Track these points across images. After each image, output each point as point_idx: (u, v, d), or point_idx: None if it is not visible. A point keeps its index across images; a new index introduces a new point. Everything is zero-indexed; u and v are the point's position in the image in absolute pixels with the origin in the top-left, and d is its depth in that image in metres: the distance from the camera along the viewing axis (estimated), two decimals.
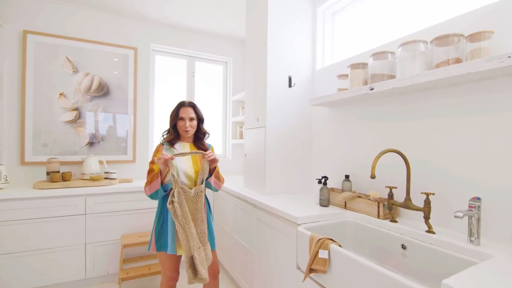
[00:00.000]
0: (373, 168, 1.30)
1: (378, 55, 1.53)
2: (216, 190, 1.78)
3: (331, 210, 1.68)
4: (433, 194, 1.28)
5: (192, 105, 1.76)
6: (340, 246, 1.21)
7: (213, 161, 1.65)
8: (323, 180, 1.79)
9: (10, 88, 2.48)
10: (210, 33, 3.36)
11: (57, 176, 2.36)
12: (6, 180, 2.26)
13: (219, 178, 1.75)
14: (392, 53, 1.52)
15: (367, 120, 1.79)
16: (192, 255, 1.50)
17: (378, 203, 1.49)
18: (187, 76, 3.37)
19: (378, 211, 1.49)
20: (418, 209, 1.32)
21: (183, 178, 1.62)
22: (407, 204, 1.37)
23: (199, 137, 1.82)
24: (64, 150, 2.64)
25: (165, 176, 1.58)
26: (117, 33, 2.90)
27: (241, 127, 3.38)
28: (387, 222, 1.44)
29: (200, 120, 1.80)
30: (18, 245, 2.11)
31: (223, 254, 2.58)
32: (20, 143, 2.51)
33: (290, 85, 2.17)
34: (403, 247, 1.33)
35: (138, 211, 2.51)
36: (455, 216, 1.10)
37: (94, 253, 2.34)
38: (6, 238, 2.07)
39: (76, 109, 2.69)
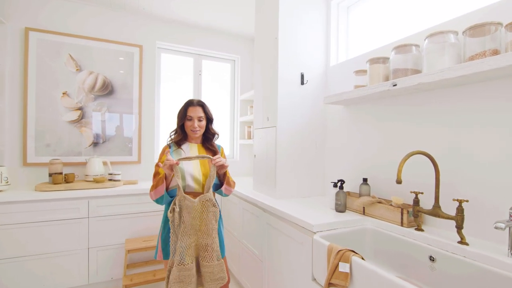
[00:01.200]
0: (399, 172, 1.18)
1: (401, 48, 1.41)
2: (227, 196, 1.67)
3: (348, 216, 1.56)
4: (467, 201, 1.15)
5: (201, 104, 1.66)
6: (362, 258, 1.10)
7: (222, 167, 1.51)
8: (339, 184, 1.67)
9: (12, 86, 2.41)
10: (217, 30, 3.26)
11: (59, 178, 2.28)
12: (7, 182, 2.19)
13: (229, 184, 1.60)
14: (416, 46, 1.39)
15: (386, 119, 1.66)
16: (169, 269, 1.37)
17: (402, 209, 1.37)
18: (193, 74, 3.28)
19: (402, 219, 1.37)
20: (449, 217, 1.19)
21: (191, 182, 1.51)
22: (436, 211, 1.24)
23: (208, 138, 1.71)
24: (67, 150, 2.57)
25: (171, 181, 1.48)
26: (121, 31, 2.81)
27: (250, 127, 3.27)
28: (412, 230, 1.31)
29: (209, 120, 1.69)
30: (18, 249, 2.03)
31: (231, 259, 2.47)
32: (22, 144, 2.43)
33: (302, 83, 2.05)
34: (431, 259, 1.21)
35: (143, 214, 2.41)
36: (496, 228, 0.97)
37: (97, 258, 2.25)
38: (6, 242, 1.99)
39: (79, 108, 2.61)
